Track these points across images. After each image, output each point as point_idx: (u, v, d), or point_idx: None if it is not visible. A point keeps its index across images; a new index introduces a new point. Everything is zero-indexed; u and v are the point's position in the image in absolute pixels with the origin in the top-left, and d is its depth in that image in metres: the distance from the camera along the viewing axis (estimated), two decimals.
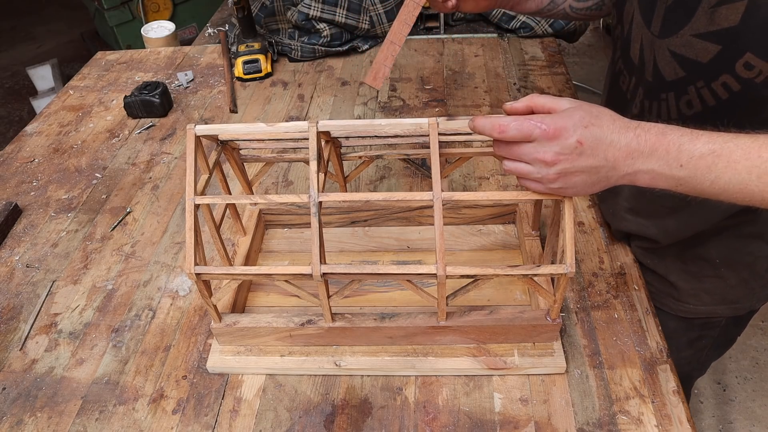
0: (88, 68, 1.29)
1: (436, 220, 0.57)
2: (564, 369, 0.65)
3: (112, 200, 0.92)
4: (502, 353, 0.66)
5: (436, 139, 0.58)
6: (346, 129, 0.62)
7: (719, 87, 0.58)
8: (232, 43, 1.29)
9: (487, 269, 0.58)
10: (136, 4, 2.45)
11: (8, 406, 0.66)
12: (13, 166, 1.01)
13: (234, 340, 0.68)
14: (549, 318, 0.63)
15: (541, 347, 0.66)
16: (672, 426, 0.61)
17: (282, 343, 0.68)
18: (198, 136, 0.61)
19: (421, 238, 0.82)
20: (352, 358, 0.67)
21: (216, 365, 0.68)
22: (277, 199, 0.60)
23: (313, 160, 0.59)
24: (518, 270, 0.58)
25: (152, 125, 1.09)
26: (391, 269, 0.59)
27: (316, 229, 0.58)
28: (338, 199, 0.60)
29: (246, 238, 0.78)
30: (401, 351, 0.67)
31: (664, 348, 0.68)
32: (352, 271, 0.60)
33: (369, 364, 0.67)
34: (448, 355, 0.67)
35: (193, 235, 0.60)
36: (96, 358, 0.70)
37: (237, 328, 0.66)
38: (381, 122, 0.60)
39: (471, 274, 0.58)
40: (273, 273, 0.60)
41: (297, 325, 0.66)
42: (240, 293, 0.73)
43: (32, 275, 0.81)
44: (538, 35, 1.31)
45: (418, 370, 0.66)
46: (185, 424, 0.63)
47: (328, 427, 0.62)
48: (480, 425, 0.62)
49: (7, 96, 2.92)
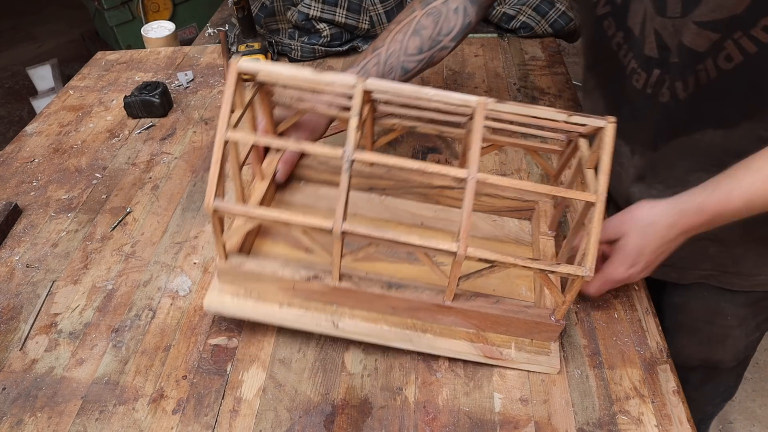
0: (88, 68, 1.29)
1: (466, 198, 0.56)
2: (557, 370, 0.65)
3: (112, 200, 0.92)
4: (500, 344, 0.66)
5: (482, 118, 0.57)
6: (391, 92, 0.61)
7: (759, 32, 0.59)
8: (232, 43, 1.29)
9: (507, 257, 0.57)
10: (136, 4, 2.45)
11: (8, 406, 0.66)
12: (13, 166, 1.01)
13: (236, 281, 0.66)
14: (553, 317, 0.63)
15: (538, 345, 0.66)
16: (672, 426, 0.61)
17: (283, 294, 0.67)
18: (239, 72, 0.60)
19: (436, 216, 0.80)
20: (351, 321, 0.66)
21: (212, 304, 0.66)
22: (309, 147, 0.59)
23: (355, 117, 0.57)
24: (537, 264, 0.58)
25: (152, 125, 1.09)
26: (412, 239, 0.58)
27: (346, 186, 0.57)
28: (372, 159, 0.58)
29: (263, 183, 0.76)
30: (401, 323, 0.67)
31: (664, 348, 0.68)
32: (373, 234, 0.58)
33: (366, 330, 0.66)
34: (447, 335, 0.66)
35: (218, 169, 0.59)
36: (96, 358, 0.70)
37: (242, 270, 0.65)
38: (428, 91, 0.59)
39: (491, 259, 0.58)
40: (293, 221, 0.58)
41: (303, 278, 0.64)
42: (249, 237, 0.71)
43: (32, 275, 0.81)
44: (538, 35, 1.32)
45: (414, 344, 0.66)
46: (185, 424, 0.63)
47: (328, 427, 0.62)
48: (480, 425, 0.62)
49: (7, 96, 2.92)
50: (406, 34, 0.80)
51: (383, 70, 0.80)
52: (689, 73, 0.66)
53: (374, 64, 0.80)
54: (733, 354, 0.92)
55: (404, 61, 0.80)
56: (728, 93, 0.65)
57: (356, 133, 0.57)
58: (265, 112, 0.72)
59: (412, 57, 0.80)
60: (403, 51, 0.80)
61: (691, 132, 0.72)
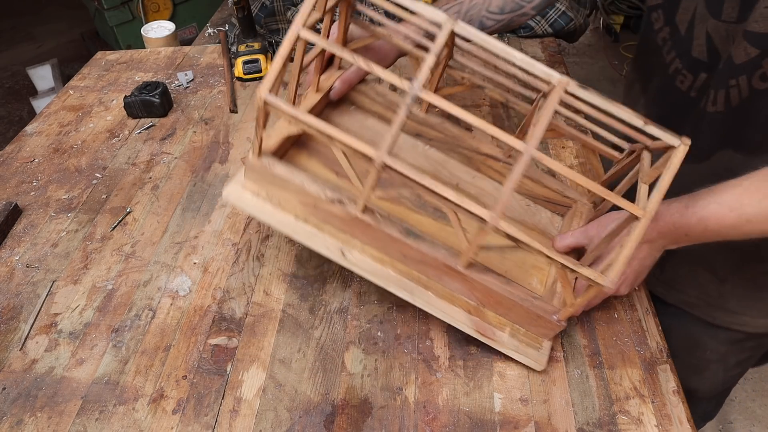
0: (88, 68, 1.29)
1: (514, 172, 0.54)
2: (542, 367, 0.65)
3: (112, 200, 0.92)
4: (495, 324, 0.65)
5: (558, 97, 0.54)
6: (479, 42, 0.58)
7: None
8: (232, 43, 1.29)
9: (535, 242, 0.56)
10: (136, 4, 2.45)
11: (8, 406, 0.66)
12: (13, 166, 1.01)
13: (261, 181, 0.65)
14: (556, 317, 0.63)
15: (531, 338, 0.66)
16: (672, 426, 0.61)
17: (302, 209, 0.65)
18: None
19: (473, 183, 0.79)
20: (360, 255, 0.65)
21: (231, 195, 0.65)
22: (378, 70, 0.56)
23: (433, 55, 0.55)
24: (563, 258, 0.56)
25: (152, 125, 1.09)
26: (449, 194, 0.56)
27: (401, 119, 0.54)
28: (437, 102, 0.55)
29: (315, 96, 0.75)
30: (406, 273, 0.65)
31: (664, 348, 0.68)
32: (413, 176, 0.56)
33: (371, 269, 0.65)
34: (447, 299, 0.65)
35: (281, 64, 0.56)
36: (96, 358, 0.70)
37: (271, 171, 0.63)
38: (516, 53, 0.57)
39: (519, 238, 0.56)
40: (338, 137, 0.56)
41: (327, 199, 0.62)
42: (285, 142, 0.70)
43: (32, 275, 0.81)
44: (538, 35, 1.32)
45: (413, 297, 0.65)
46: (185, 424, 0.63)
47: (328, 427, 0.62)
48: (480, 425, 0.62)
49: (7, 96, 2.92)
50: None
51: (462, 20, 0.78)
52: (722, 85, 0.64)
53: (455, 12, 0.79)
54: (710, 386, 0.88)
55: (484, 17, 0.78)
56: (759, 114, 0.62)
57: (430, 71, 0.54)
58: (341, 23, 0.70)
59: (492, 15, 0.78)
60: (486, 6, 0.78)
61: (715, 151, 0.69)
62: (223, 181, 0.94)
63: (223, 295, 0.76)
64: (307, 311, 0.74)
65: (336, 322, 0.72)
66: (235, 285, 0.78)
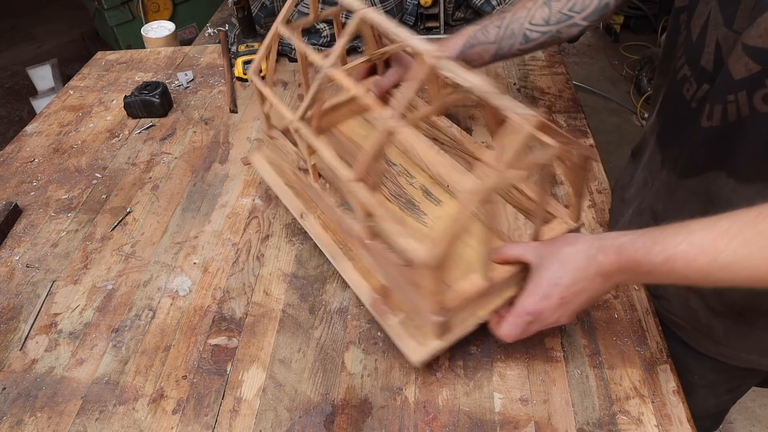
0: (88, 68, 1.29)
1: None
2: (416, 363, 0.62)
3: (112, 200, 0.92)
4: (394, 309, 0.66)
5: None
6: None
7: None
8: (232, 43, 1.29)
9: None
10: (136, 4, 2.45)
11: (8, 406, 0.66)
12: (13, 166, 1.01)
13: (271, 149, 0.84)
14: (433, 315, 0.60)
15: (422, 331, 0.64)
16: (672, 426, 0.61)
17: (291, 176, 0.81)
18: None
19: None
20: (313, 221, 0.77)
21: (256, 161, 0.86)
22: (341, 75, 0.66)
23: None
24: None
25: (152, 125, 1.09)
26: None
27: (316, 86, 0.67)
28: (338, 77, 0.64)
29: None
30: (340, 241, 0.74)
31: (664, 348, 0.68)
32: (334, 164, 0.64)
33: (315, 233, 0.76)
34: (363, 273, 0.70)
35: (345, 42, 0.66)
36: (96, 358, 0.70)
37: (274, 142, 0.82)
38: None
39: (367, 205, 0.61)
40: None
41: (296, 166, 0.77)
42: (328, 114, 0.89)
43: (32, 275, 0.81)
44: None
45: (335, 261, 0.72)
46: (185, 424, 0.63)
47: (328, 427, 0.62)
48: (480, 425, 0.62)
49: (7, 96, 2.92)
50: (537, 3, 0.79)
51: (503, 34, 0.79)
52: (720, 100, 0.59)
53: (496, 26, 0.80)
54: (701, 409, 0.81)
55: (527, 29, 0.79)
56: (757, 139, 0.57)
57: (341, 50, 0.65)
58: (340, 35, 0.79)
59: (536, 27, 0.79)
60: (528, 19, 0.78)
61: (706, 170, 0.65)
62: (223, 181, 0.94)
63: (223, 295, 0.76)
64: (307, 311, 0.74)
65: (336, 322, 0.72)
66: (235, 285, 0.78)
